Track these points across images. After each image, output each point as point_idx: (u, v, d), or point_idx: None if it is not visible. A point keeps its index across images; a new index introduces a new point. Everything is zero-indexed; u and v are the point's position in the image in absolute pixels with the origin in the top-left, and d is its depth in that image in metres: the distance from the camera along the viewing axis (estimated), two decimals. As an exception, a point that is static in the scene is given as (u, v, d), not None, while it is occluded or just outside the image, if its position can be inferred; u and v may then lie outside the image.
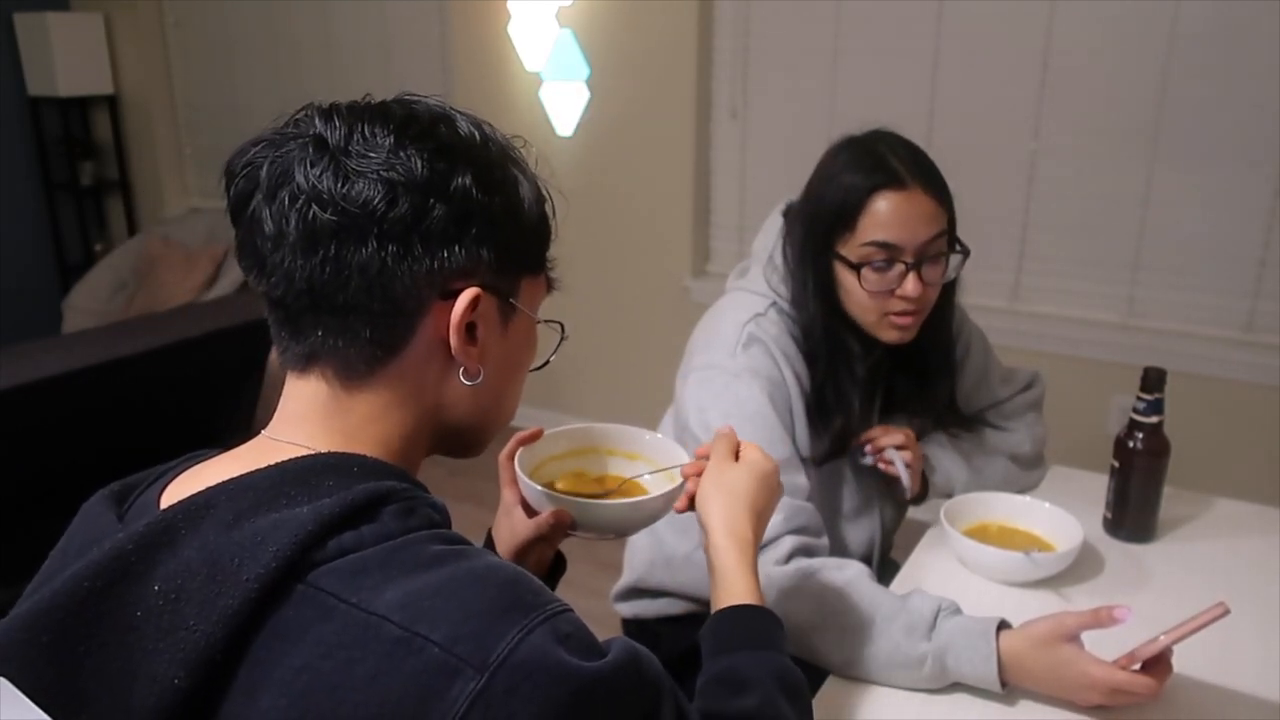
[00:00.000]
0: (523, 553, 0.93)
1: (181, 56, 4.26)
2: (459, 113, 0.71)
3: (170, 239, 4.12)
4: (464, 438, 0.77)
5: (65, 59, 4.07)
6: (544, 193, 0.75)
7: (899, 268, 1.23)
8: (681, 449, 0.98)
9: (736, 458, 0.93)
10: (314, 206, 0.64)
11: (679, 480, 0.93)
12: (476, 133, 0.70)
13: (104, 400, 2.15)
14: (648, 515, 0.92)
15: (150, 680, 0.57)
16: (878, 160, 1.23)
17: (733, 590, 0.84)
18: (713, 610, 0.84)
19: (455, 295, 0.68)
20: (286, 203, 0.65)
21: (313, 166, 0.65)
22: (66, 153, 4.32)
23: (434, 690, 0.55)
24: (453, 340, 0.69)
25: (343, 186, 0.64)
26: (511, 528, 0.94)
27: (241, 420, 2.56)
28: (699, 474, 0.93)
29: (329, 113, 0.68)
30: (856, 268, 1.23)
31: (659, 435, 1.01)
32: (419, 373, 0.70)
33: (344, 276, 0.65)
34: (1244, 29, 2.29)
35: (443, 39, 3.48)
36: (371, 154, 0.65)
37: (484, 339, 0.71)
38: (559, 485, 0.96)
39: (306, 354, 0.68)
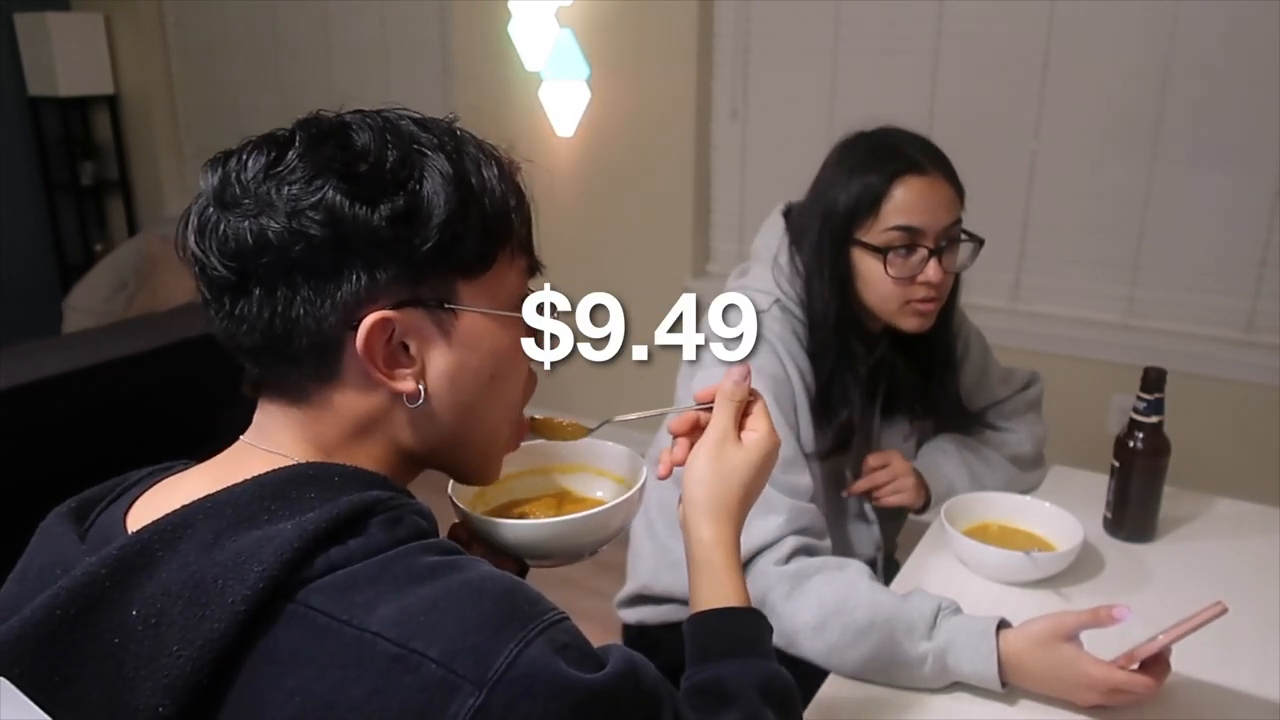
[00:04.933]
0: None
1: (181, 56, 4.26)
2: (367, 116, 0.66)
3: (170, 239, 4.11)
4: (449, 460, 0.73)
5: (65, 59, 4.07)
6: (483, 180, 0.67)
7: (921, 253, 1.24)
8: (642, 463, 0.87)
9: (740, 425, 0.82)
10: (202, 266, 0.64)
11: (631, 490, 0.82)
12: (373, 139, 0.64)
13: (104, 400, 2.15)
14: (571, 534, 0.79)
15: (132, 710, 0.56)
16: (896, 149, 1.26)
17: (720, 591, 0.78)
18: (694, 608, 0.79)
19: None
20: (191, 263, 0.65)
21: (198, 225, 0.64)
22: (66, 153, 4.32)
23: (432, 707, 0.54)
24: (370, 371, 0.65)
25: (214, 240, 0.63)
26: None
27: (241, 420, 2.56)
28: (692, 432, 0.83)
29: (212, 162, 0.66)
30: (882, 252, 1.24)
31: (620, 448, 0.90)
32: (365, 401, 0.67)
33: (245, 327, 0.64)
34: (1244, 29, 2.28)
35: (443, 39, 3.48)
36: (245, 199, 0.63)
37: (421, 355, 0.66)
38: (527, 501, 0.88)
39: (256, 379, 0.68)
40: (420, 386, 0.67)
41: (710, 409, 0.82)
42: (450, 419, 0.69)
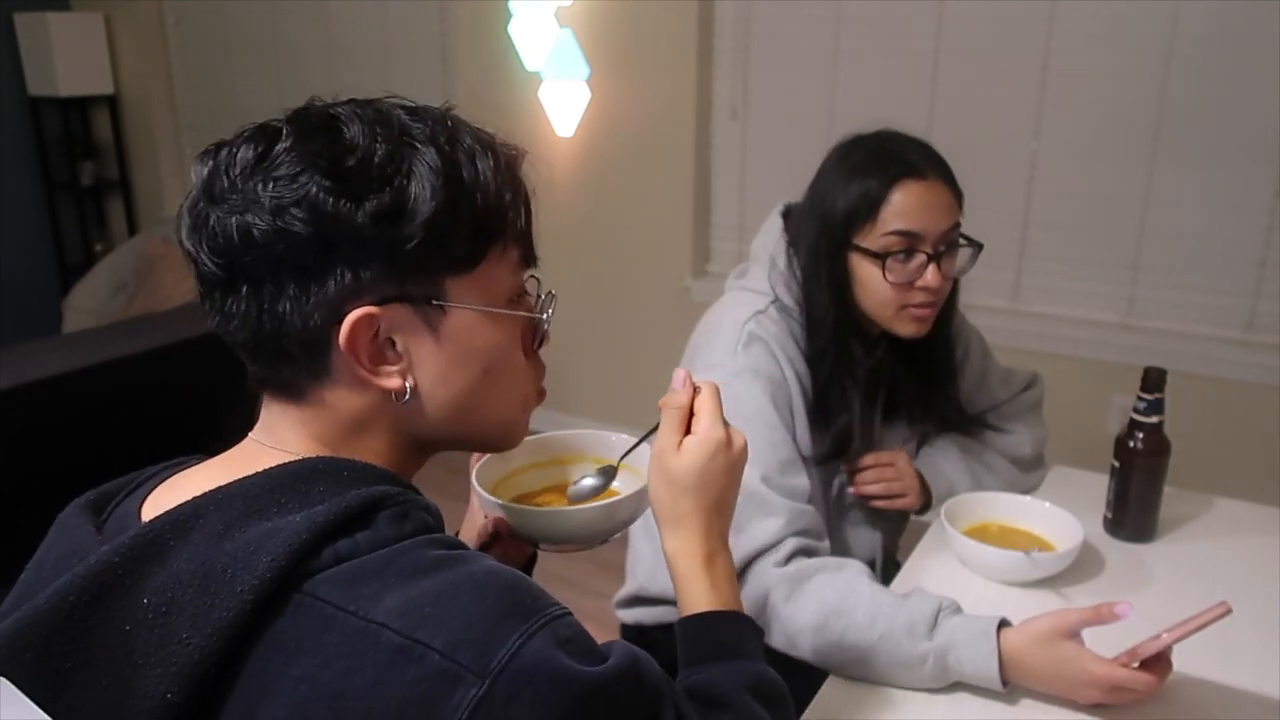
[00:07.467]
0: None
1: (181, 56, 4.26)
2: (358, 108, 0.65)
3: (170, 239, 4.12)
4: (461, 444, 0.74)
5: (65, 59, 4.07)
6: (476, 173, 0.65)
7: (920, 258, 1.24)
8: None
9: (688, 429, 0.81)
10: (194, 261, 0.64)
11: (643, 483, 0.85)
12: (363, 132, 0.63)
13: (104, 401, 2.15)
14: (592, 523, 0.84)
15: (142, 696, 0.56)
16: (895, 153, 1.25)
17: (692, 598, 0.79)
18: (679, 613, 0.80)
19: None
20: (185, 258, 0.65)
21: (190, 221, 0.64)
22: (66, 153, 4.32)
23: (435, 698, 0.54)
24: (354, 368, 0.65)
25: (204, 236, 0.63)
26: (469, 531, 0.91)
27: (242, 420, 2.56)
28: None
29: (204, 154, 0.65)
30: (881, 257, 1.23)
31: (625, 437, 0.93)
32: (358, 398, 0.67)
33: (236, 323, 0.64)
34: (1244, 29, 2.28)
35: (443, 39, 3.49)
36: (232, 194, 0.62)
37: (409, 351, 0.66)
38: (537, 494, 0.93)
39: (256, 379, 0.69)
40: (408, 384, 0.67)
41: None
42: (447, 414, 0.69)
